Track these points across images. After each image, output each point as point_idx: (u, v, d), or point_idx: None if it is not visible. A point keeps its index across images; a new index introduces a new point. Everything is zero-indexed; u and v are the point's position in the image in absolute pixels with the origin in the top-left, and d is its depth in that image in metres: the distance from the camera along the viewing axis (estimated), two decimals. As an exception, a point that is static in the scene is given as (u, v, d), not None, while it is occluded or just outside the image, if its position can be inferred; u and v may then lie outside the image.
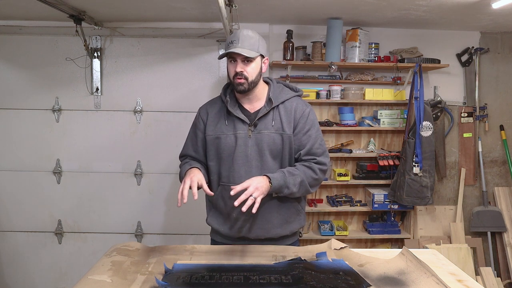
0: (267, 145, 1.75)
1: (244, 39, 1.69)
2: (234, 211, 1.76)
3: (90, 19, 2.86)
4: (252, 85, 1.74)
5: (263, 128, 1.76)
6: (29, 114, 3.17)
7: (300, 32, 3.24)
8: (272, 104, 1.78)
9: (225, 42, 1.76)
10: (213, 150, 1.81)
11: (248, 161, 1.75)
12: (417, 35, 3.32)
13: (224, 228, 1.84)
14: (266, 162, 1.76)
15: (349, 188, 3.38)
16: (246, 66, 1.71)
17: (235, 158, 1.76)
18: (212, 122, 1.82)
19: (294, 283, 1.33)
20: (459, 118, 3.42)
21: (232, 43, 1.70)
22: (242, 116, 1.77)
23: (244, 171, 1.75)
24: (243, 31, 1.72)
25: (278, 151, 1.77)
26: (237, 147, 1.76)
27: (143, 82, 3.18)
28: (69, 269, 3.25)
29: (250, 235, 1.79)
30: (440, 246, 3.14)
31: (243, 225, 1.78)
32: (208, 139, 1.82)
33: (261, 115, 1.77)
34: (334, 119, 3.31)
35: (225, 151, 1.77)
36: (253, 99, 1.80)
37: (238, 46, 1.68)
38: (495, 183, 3.48)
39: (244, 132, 1.76)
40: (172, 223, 3.27)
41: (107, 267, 1.44)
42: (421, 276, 1.38)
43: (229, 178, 1.77)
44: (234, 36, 1.72)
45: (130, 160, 3.22)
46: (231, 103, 1.80)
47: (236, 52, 1.66)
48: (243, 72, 1.70)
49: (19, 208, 3.21)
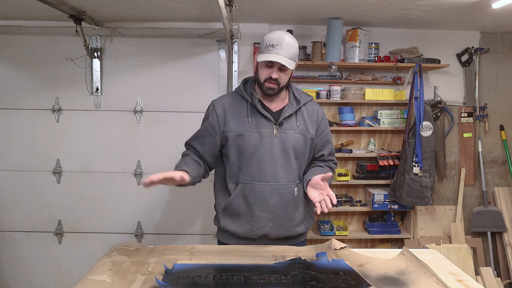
0: (292, 145, 1.77)
1: (286, 46, 1.67)
2: (257, 209, 1.75)
3: (90, 19, 2.86)
4: (281, 90, 1.77)
5: (288, 128, 1.78)
6: (29, 114, 3.16)
7: (300, 32, 3.24)
8: (299, 104, 1.80)
9: (264, 42, 1.70)
10: (234, 147, 1.78)
11: (274, 159, 1.75)
12: (417, 35, 3.32)
13: (243, 229, 1.79)
14: (290, 161, 1.78)
15: (349, 188, 3.38)
16: (282, 73, 1.71)
17: (260, 156, 1.74)
18: (232, 118, 1.79)
19: (294, 283, 1.33)
20: (459, 118, 3.42)
21: (274, 47, 1.66)
22: (267, 114, 1.77)
23: (270, 169, 1.75)
24: (285, 37, 1.68)
25: (301, 151, 1.80)
26: (262, 145, 1.75)
27: (143, 82, 3.18)
28: (69, 269, 3.24)
29: (272, 234, 1.78)
30: (440, 246, 3.14)
31: (266, 223, 1.77)
32: (230, 136, 1.77)
33: (286, 114, 1.78)
34: (334, 119, 3.31)
35: (249, 149, 1.75)
36: (276, 98, 1.81)
37: (280, 53, 1.66)
38: (495, 183, 3.48)
39: (270, 130, 1.76)
40: (172, 223, 3.27)
41: (107, 267, 1.44)
42: (421, 276, 1.38)
43: (253, 176, 1.75)
44: (276, 40, 1.67)
45: (130, 160, 3.22)
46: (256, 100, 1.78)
47: (280, 62, 1.65)
48: (277, 78, 1.70)
49: (19, 208, 3.21)
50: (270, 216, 1.76)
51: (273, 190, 1.75)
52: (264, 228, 1.77)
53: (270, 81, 1.71)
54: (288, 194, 1.77)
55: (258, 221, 1.76)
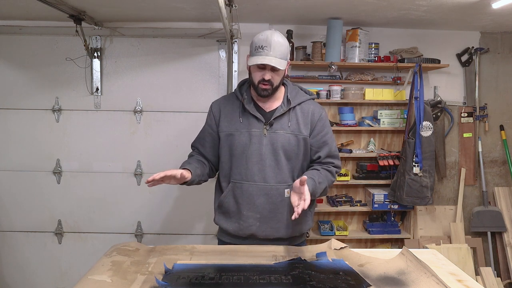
0: (282, 145, 1.76)
1: (276, 47, 1.65)
2: (244, 208, 1.76)
3: (90, 19, 2.86)
4: (276, 90, 1.76)
5: (279, 128, 1.77)
6: (29, 114, 3.16)
7: (300, 32, 3.24)
8: (290, 105, 1.79)
9: (253, 44, 1.70)
10: (225, 146, 1.80)
11: (262, 159, 1.75)
12: (417, 35, 3.32)
13: (232, 227, 1.81)
14: (280, 161, 1.76)
15: (349, 188, 3.38)
16: (274, 74, 1.71)
17: (248, 155, 1.75)
18: (225, 119, 1.81)
19: (294, 283, 1.33)
20: (459, 118, 3.42)
21: (263, 49, 1.65)
22: (258, 114, 1.77)
23: (258, 169, 1.75)
24: (274, 36, 1.67)
25: (292, 152, 1.78)
26: (251, 145, 1.75)
27: (143, 82, 3.18)
28: (69, 269, 3.25)
29: (259, 234, 1.79)
30: (440, 246, 3.14)
31: (253, 223, 1.78)
32: (222, 135, 1.81)
33: (277, 114, 1.77)
34: (334, 119, 3.31)
35: (238, 148, 1.77)
36: (270, 99, 1.81)
37: (270, 54, 1.65)
38: (495, 183, 3.48)
39: (259, 130, 1.76)
40: (172, 223, 3.27)
41: (107, 267, 1.44)
42: (421, 276, 1.38)
43: (242, 175, 1.77)
44: (265, 41, 1.66)
45: (130, 160, 3.22)
46: (247, 100, 1.79)
47: (268, 64, 1.64)
48: (270, 79, 1.70)
49: (19, 208, 3.21)
50: (257, 216, 1.77)
51: (260, 191, 1.75)
52: (251, 227, 1.78)
53: (263, 82, 1.71)
54: (276, 195, 1.76)
55: (246, 220, 1.78)
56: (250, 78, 1.77)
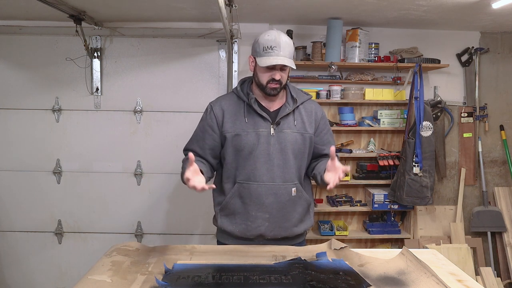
0: (290, 144, 1.76)
1: (285, 47, 1.67)
2: (252, 209, 1.75)
3: (90, 19, 2.86)
4: (282, 88, 1.77)
5: (286, 127, 1.77)
6: (29, 114, 3.16)
7: (300, 32, 3.24)
8: (296, 103, 1.79)
9: (260, 45, 1.69)
10: (231, 147, 1.78)
11: (270, 159, 1.75)
12: (417, 35, 3.32)
13: (239, 228, 1.79)
14: (287, 160, 1.77)
15: (349, 188, 3.38)
16: (283, 73, 1.72)
17: (256, 156, 1.74)
18: (230, 119, 1.79)
19: (294, 283, 1.33)
20: (459, 118, 3.42)
21: (273, 49, 1.66)
22: (264, 114, 1.77)
23: (266, 169, 1.75)
24: (281, 37, 1.68)
25: (299, 151, 1.79)
26: (259, 145, 1.74)
27: (143, 82, 3.18)
28: (69, 269, 3.25)
29: (267, 234, 1.78)
30: (440, 246, 3.14)
31: (261, 223, 1.77)
32: (228, 136, 1.77)
33: (284, 114, 1.77)
34: (334, 119, 3.31)
35: (246, 149, 1.75)
36: (274, 98, 1.81)
37: (280, 54, 1.66)
38: (495, 183, 3.48)
39: (267, 130, 1.76)
40: (172, 223, 3.27)
41: (107, 267, 1.44)
42: (421, 276, 1.38)
43: (249, 176, 1.75)
44: (273, 41, 1.67)
45: (130, 160, 3.22)
46: (253, 100, 1.78)
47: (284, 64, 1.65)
48: (280, 79, 1.71)
49: (19, 208, 3.21)
50: (266, 216, 1.76)
51: (268, 190, 1.75)
52: (260, 228, 1.77)
53: (274, 82, 1.71)
54: (284, 194, 1.77)
55: (254, 221, 1.76)
56: (256, 78, 1.76)
